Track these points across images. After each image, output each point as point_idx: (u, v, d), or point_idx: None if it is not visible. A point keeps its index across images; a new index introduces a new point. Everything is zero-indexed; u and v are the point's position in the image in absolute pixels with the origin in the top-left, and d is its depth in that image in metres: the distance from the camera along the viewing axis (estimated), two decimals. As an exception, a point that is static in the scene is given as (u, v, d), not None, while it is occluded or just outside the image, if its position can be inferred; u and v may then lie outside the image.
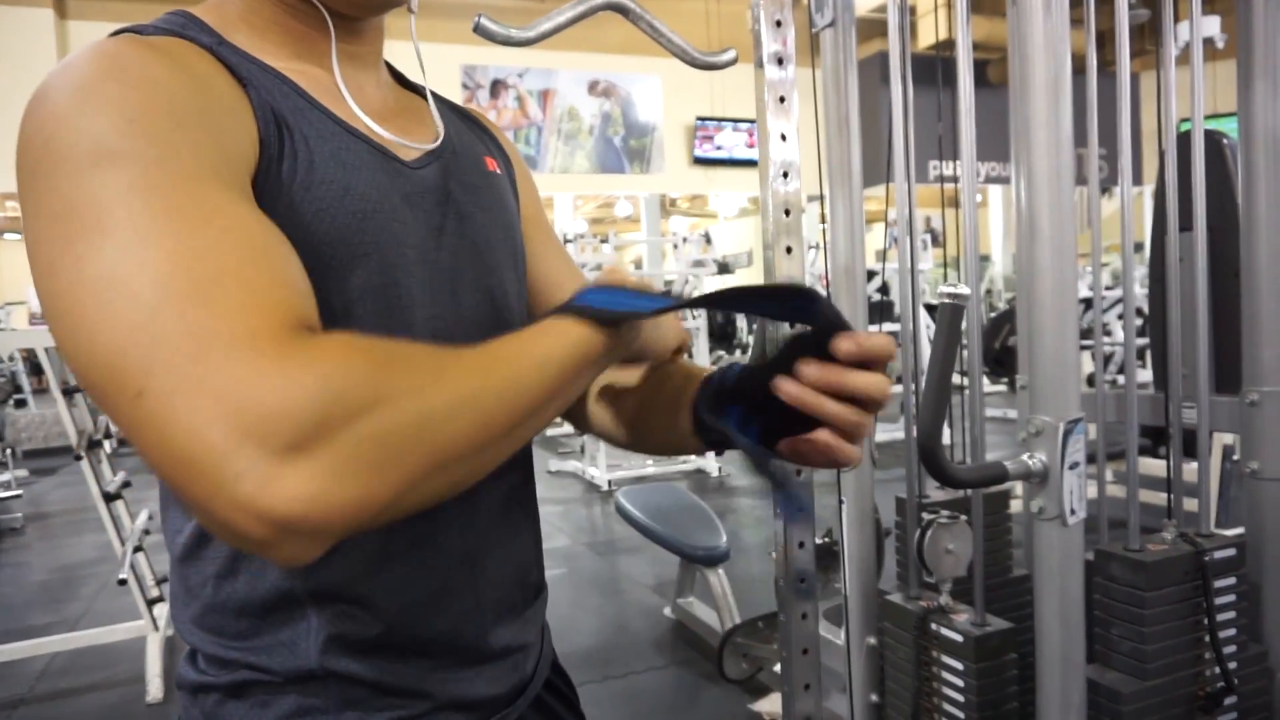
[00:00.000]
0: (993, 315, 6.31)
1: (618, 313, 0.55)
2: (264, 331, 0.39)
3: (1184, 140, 1.69)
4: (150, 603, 3.08)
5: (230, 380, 0.37)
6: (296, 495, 0.36)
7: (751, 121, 10.23)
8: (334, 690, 0.59)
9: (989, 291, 10.84)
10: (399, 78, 0.75)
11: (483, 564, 0.65)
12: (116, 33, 0.53)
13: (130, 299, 0.40)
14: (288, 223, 0.54)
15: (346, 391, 0.38)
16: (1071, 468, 1.29)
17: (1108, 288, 6.62)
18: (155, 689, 2.88)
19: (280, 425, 0.36)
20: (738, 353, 8.77)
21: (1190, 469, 1.86)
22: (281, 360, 0.38)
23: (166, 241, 0.41)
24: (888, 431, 5.72)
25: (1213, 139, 1.81)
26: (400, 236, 0.61)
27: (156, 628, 3.02)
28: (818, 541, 1.61)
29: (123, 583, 2.95)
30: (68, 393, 3.20)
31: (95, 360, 0.40)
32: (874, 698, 1.84)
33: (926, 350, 5.36)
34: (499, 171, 0.75)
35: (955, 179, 1.81)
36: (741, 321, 9.21)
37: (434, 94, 0.75)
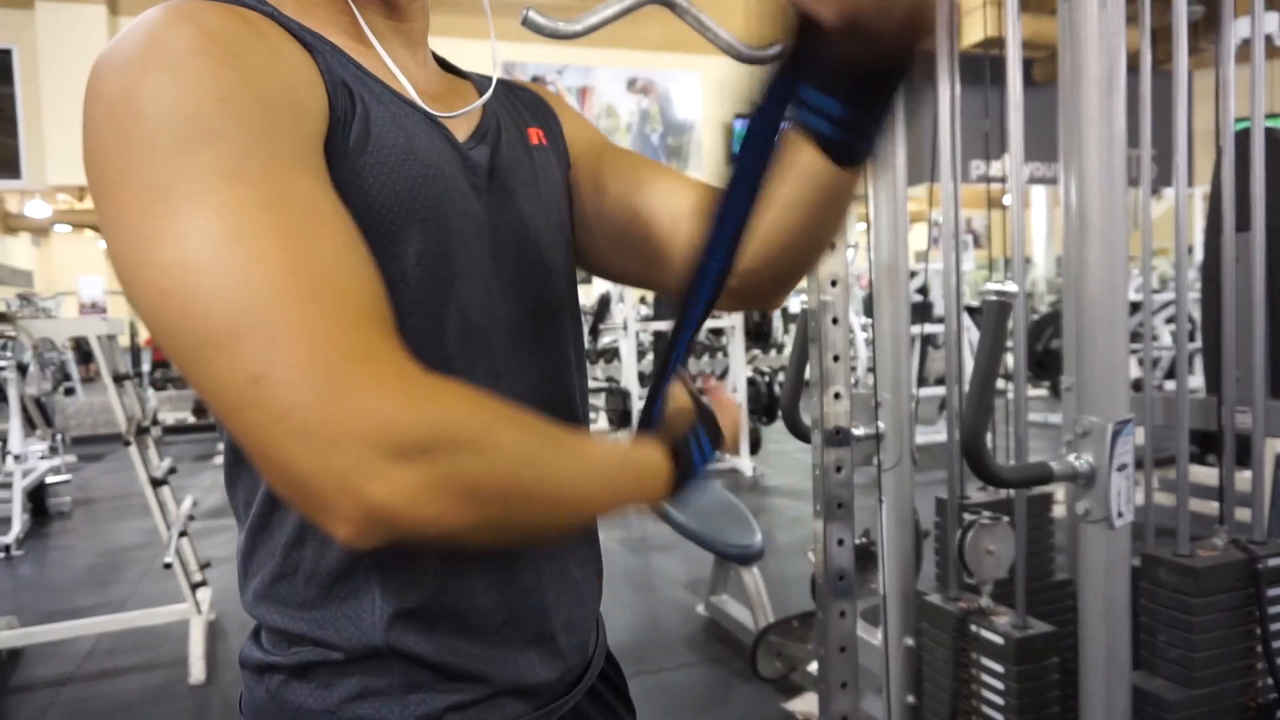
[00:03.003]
0: (1035, 318, 6.21)
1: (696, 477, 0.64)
2: (378, 348, 0.44)
3: (1241, 139, 1.66)
4: (194, 587, 3.14)
5: (353, 387, 0.42)
6: (392, 493, 0.41)
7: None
8: (397, 671, 0.60)
9: (1030, 294, 10.66)
10: (443, 64, 0.76)
11: (544, 538, 0.66)
12: None
13: (247, 288, 0.43)
14: (351, 185, 0.55)
15: (458, 428, 0.44)
16: (1119, 469, 1.27)
17: (1155, 291, 6.48)
18: (198, 671, 2.94)
19: (395, 434, 0.42)
20: (774, 353, 8.71)
21: (1242, 477, 1.81)
22: (403, 381, 0.44)
23: (273, 234, 0.44)
24: (927, 434, 5.66)
25: (1273, 137, 1.77)
26: (458, 205, 0.61)
27: (200, 611, 3.08)
28: (855, 541, 1.60)
29: (168, 566, 3.01)
30: (118, 380, 3.27)
31: (204, 339, 0.43)
32: (911, 699, 1.82)
33: (968, 352, 5.27)
34: (544, 144, 0.74)
35: (1000, 179, 1.78)
36: (778, 321, 9.15)
37: (478, 76, 0.75)
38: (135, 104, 0.46)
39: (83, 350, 9.50)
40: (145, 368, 9.23)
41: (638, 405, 5.98)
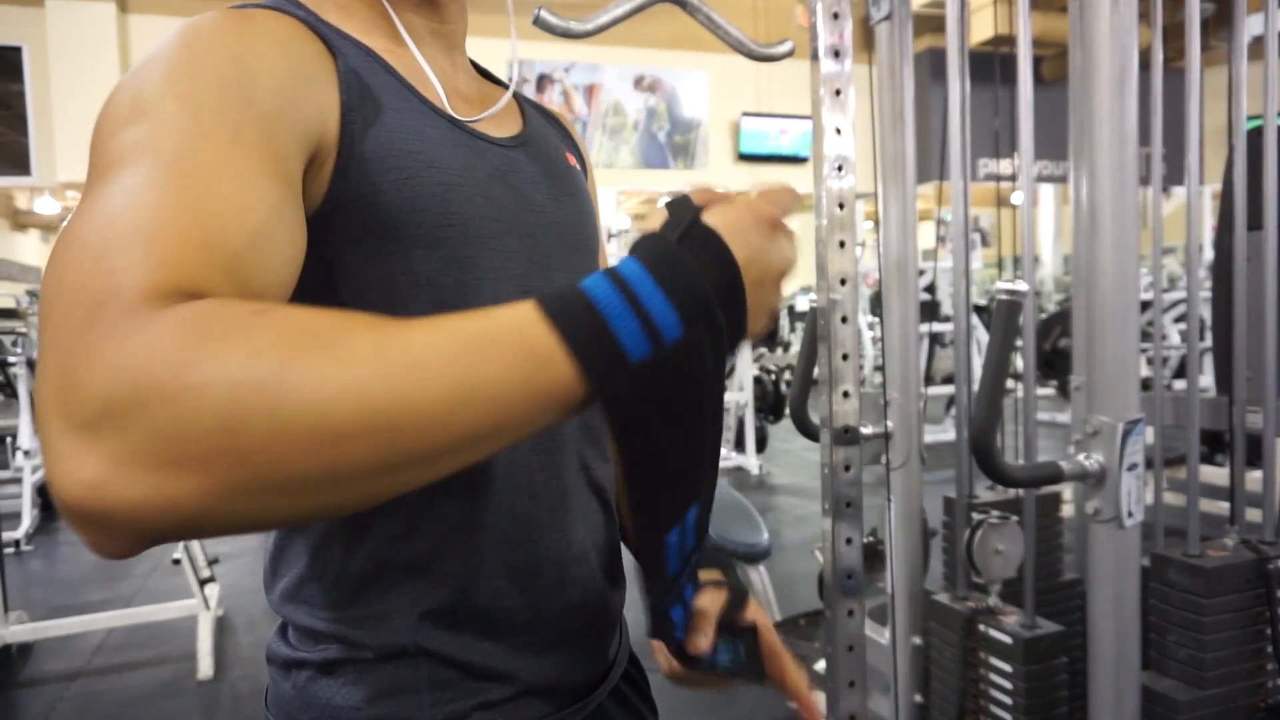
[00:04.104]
0: (1043, 317, 6.19)
1: (617, 344, 0.40)
2: (127, 294, 0.35)
3: (1253, 137, 1.65)
4: (202, 583, 3.15)
5: (73, 345, 0.34)
6: (80, 479, 0.33)
7: (797, 117, 10.14)
8: (424, 670, 0.60)
9: (1038, 293, 10.61)
10: (478, 70, 0.77)
11: (567, 540, 0.66)
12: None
13: (65, 255, 0.39)
14: (368, 194, 0.55)
15: (144, 371, 0.33)
16: (1129, 469, 1.26)
17: (1164, 290, 6.45)
18: (206, 666, 2.96)
19: (78, 400, 0.33)
20: (780, 351, 8.70)
21: (1253, 477, 1.81)
22: (114, 327, 0.34)
23: (120, 198, 0.40)
24: (934, 433, 5.64)
25: (1284, 135, 1.76)
26: (484, 210, 0.61)
27: (208, 607, 3.10)
28: (863, 540, 1.59)
29: (177, 562, 3.03)
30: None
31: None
32: (918, 698, 1.82)
33: (976, 351, 5.25)
34: (577, 167, 0.76)
35: (1010, 177, 1.77)
36: (784, 320, 9.15)
37: (515, 89, 0.76)
38: (108, 98, 0.47)
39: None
40: (154, 364, 9.26)
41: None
